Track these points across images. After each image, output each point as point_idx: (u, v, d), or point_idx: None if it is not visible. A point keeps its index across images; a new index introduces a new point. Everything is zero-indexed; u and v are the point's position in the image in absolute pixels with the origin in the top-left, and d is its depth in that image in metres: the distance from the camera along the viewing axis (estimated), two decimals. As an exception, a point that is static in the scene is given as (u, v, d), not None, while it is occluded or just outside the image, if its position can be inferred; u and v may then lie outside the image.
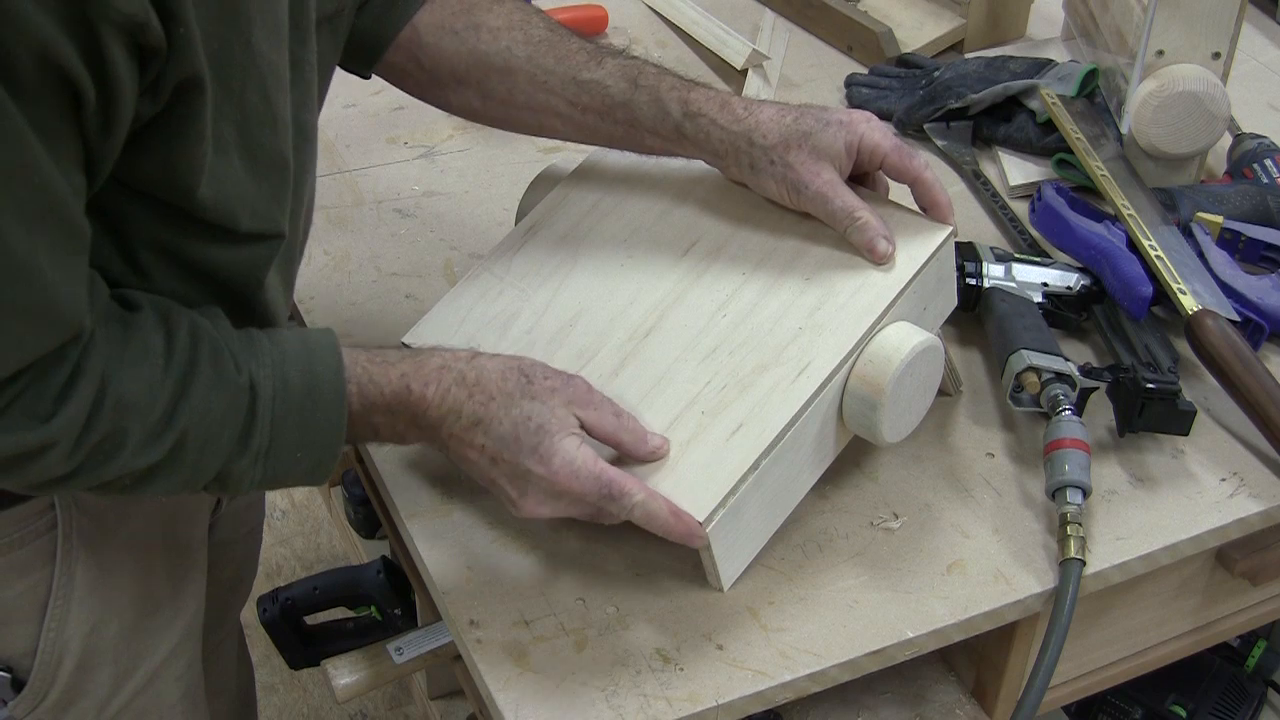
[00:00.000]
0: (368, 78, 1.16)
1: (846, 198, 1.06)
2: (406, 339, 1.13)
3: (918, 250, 1.07)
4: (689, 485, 0.98)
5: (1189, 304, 1.19)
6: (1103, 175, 1.34)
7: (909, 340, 1.02)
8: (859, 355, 1.03)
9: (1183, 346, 1.22)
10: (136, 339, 0.86)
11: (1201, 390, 1.22)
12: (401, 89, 1.18)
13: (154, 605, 1.11)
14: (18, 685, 1.05)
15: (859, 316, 1.04)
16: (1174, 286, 1.21)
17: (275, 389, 0.91)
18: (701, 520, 0.97)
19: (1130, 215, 1.28)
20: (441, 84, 1.14)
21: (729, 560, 1.02)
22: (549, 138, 1.18)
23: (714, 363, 1.04)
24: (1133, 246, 1.28)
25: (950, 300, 1.13)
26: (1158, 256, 1.24)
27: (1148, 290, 1.21)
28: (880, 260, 1.06)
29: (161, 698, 1.13)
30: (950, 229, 1.08)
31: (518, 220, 1.19)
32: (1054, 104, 1.45)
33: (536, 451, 0.96)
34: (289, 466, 0.93)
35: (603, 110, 1.10)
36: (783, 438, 1.00)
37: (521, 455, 0.96)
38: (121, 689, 1.10)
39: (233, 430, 0.90)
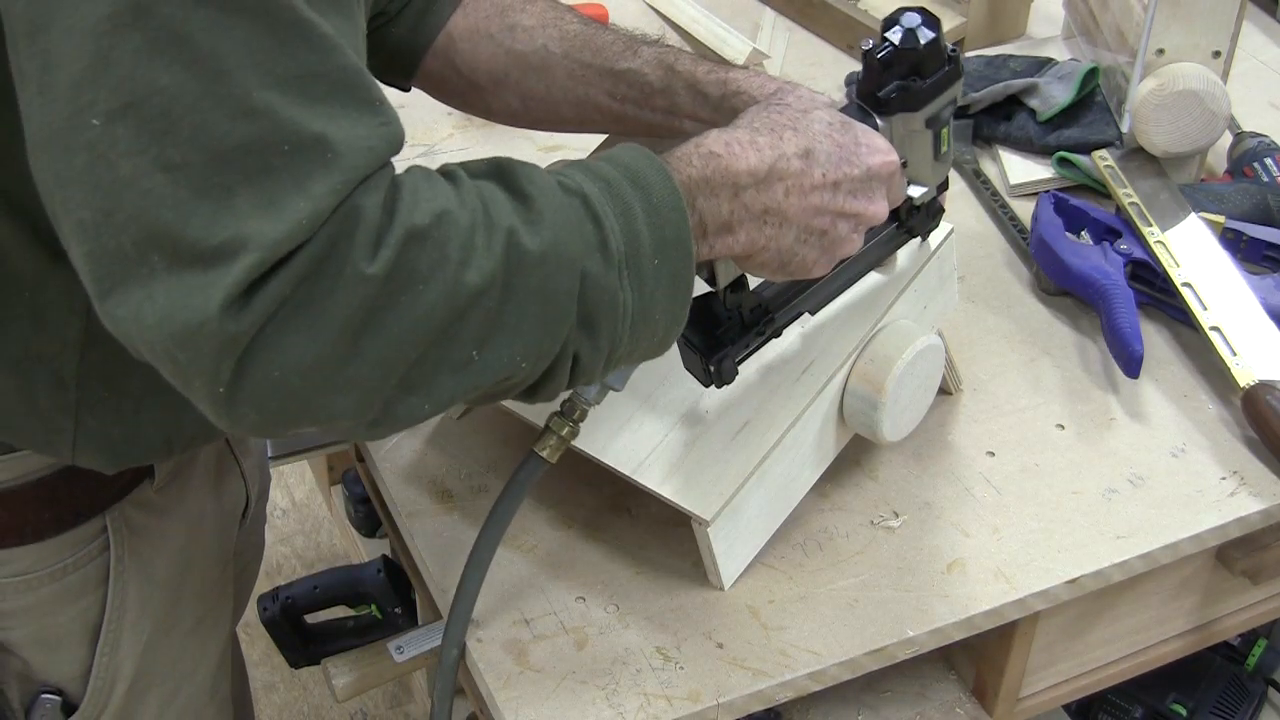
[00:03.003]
0: (408, 89, 1.15)
1: None
2: None
3: (917, 250, 1.07)
4: (695, 485, 0.98)
5: (1243, 378, 1.18)
6: (1158, 243, 1.30)
7: (910, 339, 1.03)
8: (860, 354, 1.03)
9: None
10: (412, 169, 0.75)
11: (1202, 391, 1.22)
12: (440, 98, 1.17)
13: (200, 619, 1.10)
14: (69, 709, 1.03)
15: (860, 315, 1.04)
16: (1229, 362, 1.19)
17: (600, 186, 0.79)
18: (709, 519, 0.97)
19: (1186, 284, 1.25)
20: (480, 88, 1.13)
21: (730, 559, 1.02)
22: (589, 131, 1.17)
23: None
24: (1133, 276, 1.28)
25: (951, 299, 1.13)
26: (1213, 328, 1.22)
27: (1138, 350, 1.20)
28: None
29: (200, 717, 1.13)
30: (950, 228, 1.08)
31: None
32: (1107, 165, 1.41)
33: (861, 144, 0.90)
34: (654, 283, 0.80)
35: (641, 99, 1.09)
36: (785, 436, 1.00)
37: (855, 157, 0.89)
38: (166, 712, 1.09)
39: (576, 234, 0.76)
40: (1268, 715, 1.62)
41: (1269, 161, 1.43)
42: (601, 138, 1.21)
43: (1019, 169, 1.49)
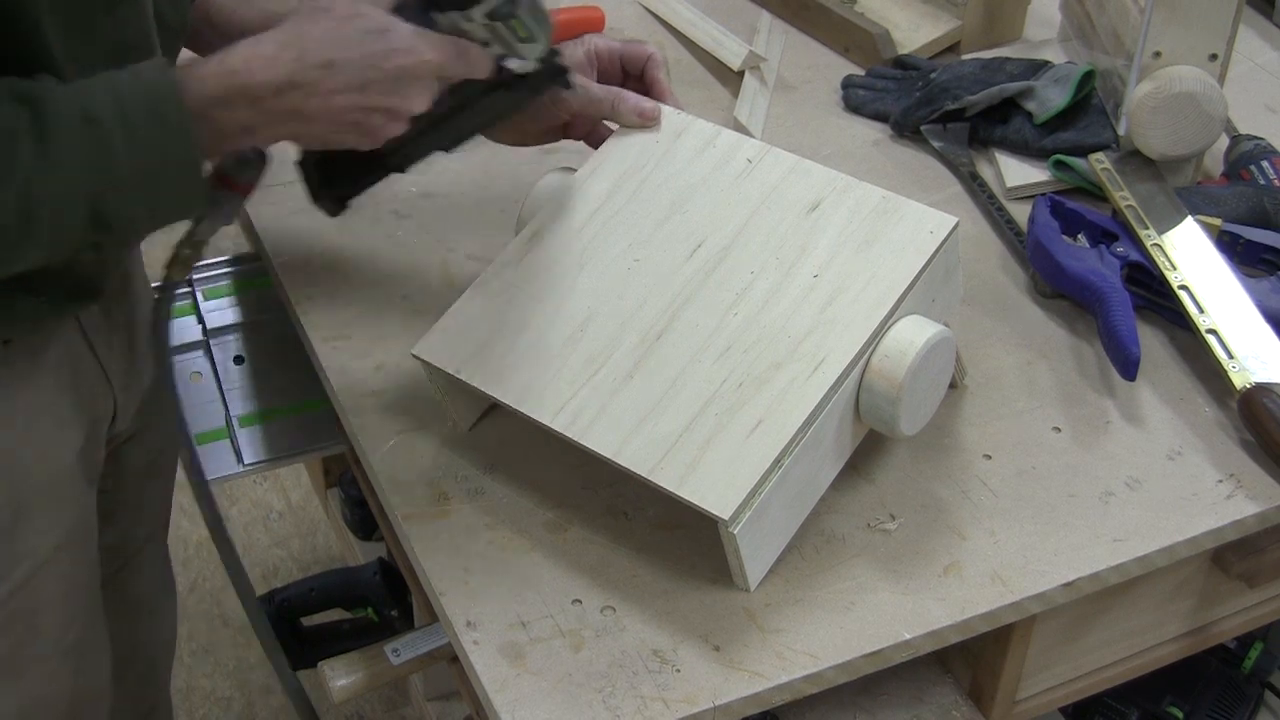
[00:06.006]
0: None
1: (604, 87, 1.20)
2: (416, 351, 1.12)
3: (925, 243, 1.07)
4: (712, 483, 0.99)
5: (1239, 381, 1.18)
6: (1154, 246, 1.30)
7: (923, 334, 1.03)
8: (874, 350, 1.03)
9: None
10: None
11: (1198, 394, 1.22)
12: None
13: (29, 510, 1.10)
14: None
15: (870, 310, 1.04)
16: (1225, 365, 1.19)
17: (115, 112, 0.90)
18: (727, 519, 0.97)
19: (1183, 287, 1.25)
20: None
21: (755, 559, 1.02)
22: None
23: (729, 361, 1.04)
24: (1130, 279, 1.28)
25: (956, 291, 1.13)
26: (1210, 331, 1.22)
27: (1135, 352, 1.19)
28: (651, 119, 1.19)
29: (41, 595, 1.13)
30: (956, 220, 1.09)
31: (518, 228, 1.20)
32: (1104, 168, 1.40)
33: (393, 49, 0.98)
34: (162, 191, 0.93)
35: None
36: (803, 434, 1.00)
37: (383, 62, 0.97)
38: None
39: (86, 169, 0.89)
40: (1264, 718, 1.62)
41: (1265, 164, 1.44)
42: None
43: (1015, 172, 1.49)
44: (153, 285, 1.32)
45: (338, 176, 1.14)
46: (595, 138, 1.23)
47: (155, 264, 1.13)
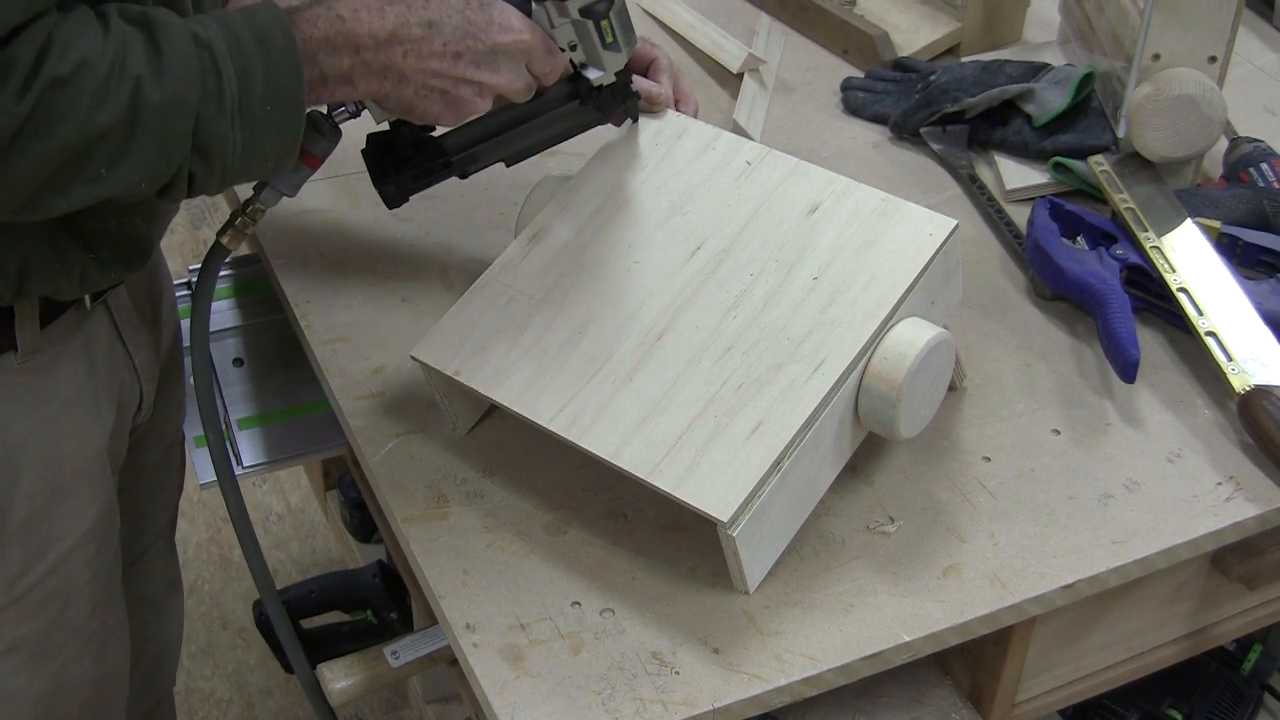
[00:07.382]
0: None
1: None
2: (415, 353, 1.12)
3: (924, 245, 1.07)
4: (711, 485, 0.99)
5: (1238, 383, 1.18)
6: (1153, 248, 1.30)
7: (923, 336, 1.03)
8: (873, 352, 1.03)
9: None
10: (74, 14, 0.89)
11: (1198, 396, 1.22)
12: None
13: (62, 493, 1.12)
14: None
15: (870, 312, 1.04)
16: (1224, 367, 1.19)
17: (229, 42, 0.93)
18: (726, 520, 0.97)
19: (1182, 290, 1.25)
20: None
21: (755, 562, 1.02)
22: None
23: (729, 363, 1.05)
24: (1129, 281, 1.28)
25: (955, 293, 1.13)
26: (1209, 333, 1.22)
27: (1134, 355, 1.19)
28: (657, 103, 1.22)
29: (72, 580, 1.15)
30: (955, 223, 1.09)
31: (517, 230, 1.20)
32: (1103, 171, 1.41)
33: (493, 23, 1.03)
34: (264, 125, 0.95)
35: None
36: (803, 436, 1.01)
37: (481, 34, 1.03)
38: (32, 569, 1.11)
39: (196, 85, 0.90)
40: (1263, 720, 1.62)
41: (1265, 166, 1.44)
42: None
43: (1014, 174, 1.49)
44: (192, 268, 1.41)
45: (402, 167, 1.16)
46: None
47: (173, 262, 1.14)
